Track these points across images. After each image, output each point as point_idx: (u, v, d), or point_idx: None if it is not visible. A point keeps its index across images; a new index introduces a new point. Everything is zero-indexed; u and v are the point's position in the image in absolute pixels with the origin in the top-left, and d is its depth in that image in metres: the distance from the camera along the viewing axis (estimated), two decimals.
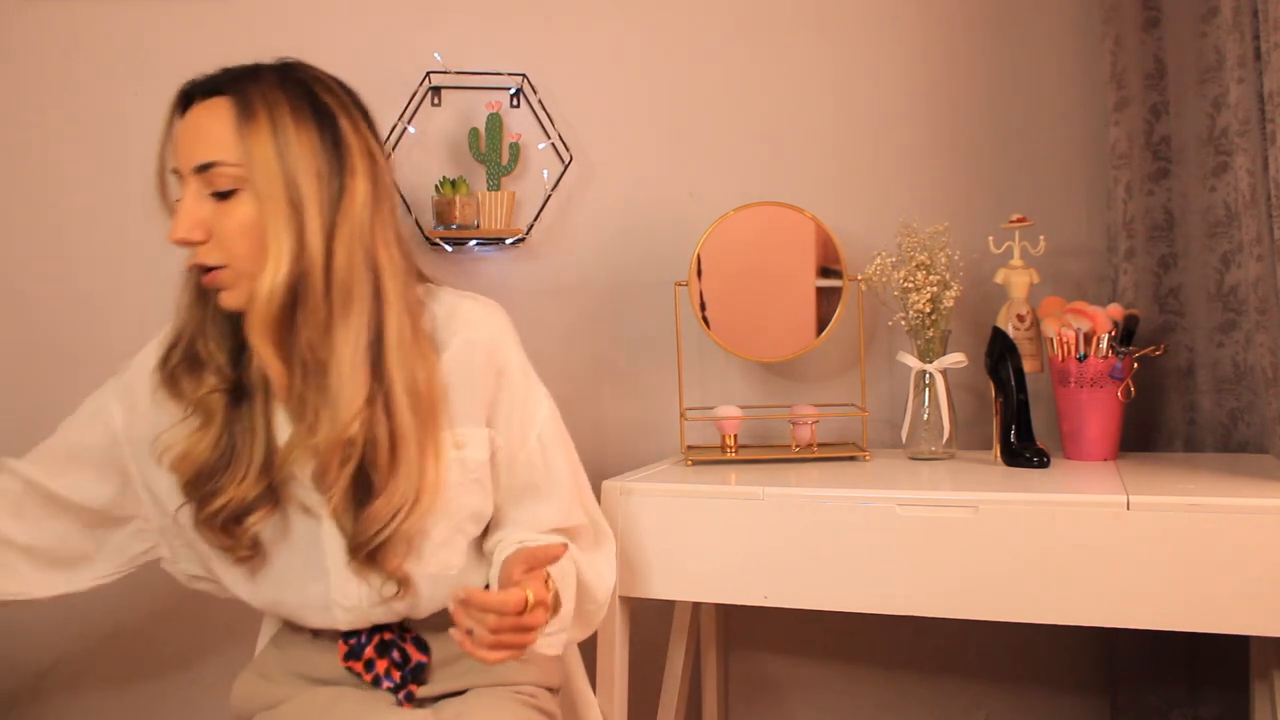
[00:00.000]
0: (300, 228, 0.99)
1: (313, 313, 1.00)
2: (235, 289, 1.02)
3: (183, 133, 1.03)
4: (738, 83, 1.79)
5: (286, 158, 1.00)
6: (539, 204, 1.78)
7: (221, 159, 1.00)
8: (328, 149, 1.02)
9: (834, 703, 1.83)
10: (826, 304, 1.64)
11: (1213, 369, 1.56)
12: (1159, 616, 1.18)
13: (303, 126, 1.01)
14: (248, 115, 1.00)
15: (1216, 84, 1.51)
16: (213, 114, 1.01)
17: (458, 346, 1.10)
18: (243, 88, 1.01)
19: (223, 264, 1.01)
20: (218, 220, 1.00)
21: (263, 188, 0.99)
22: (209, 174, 1.00)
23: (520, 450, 1.13)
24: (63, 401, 1.79)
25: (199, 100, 1.03)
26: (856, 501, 1.30)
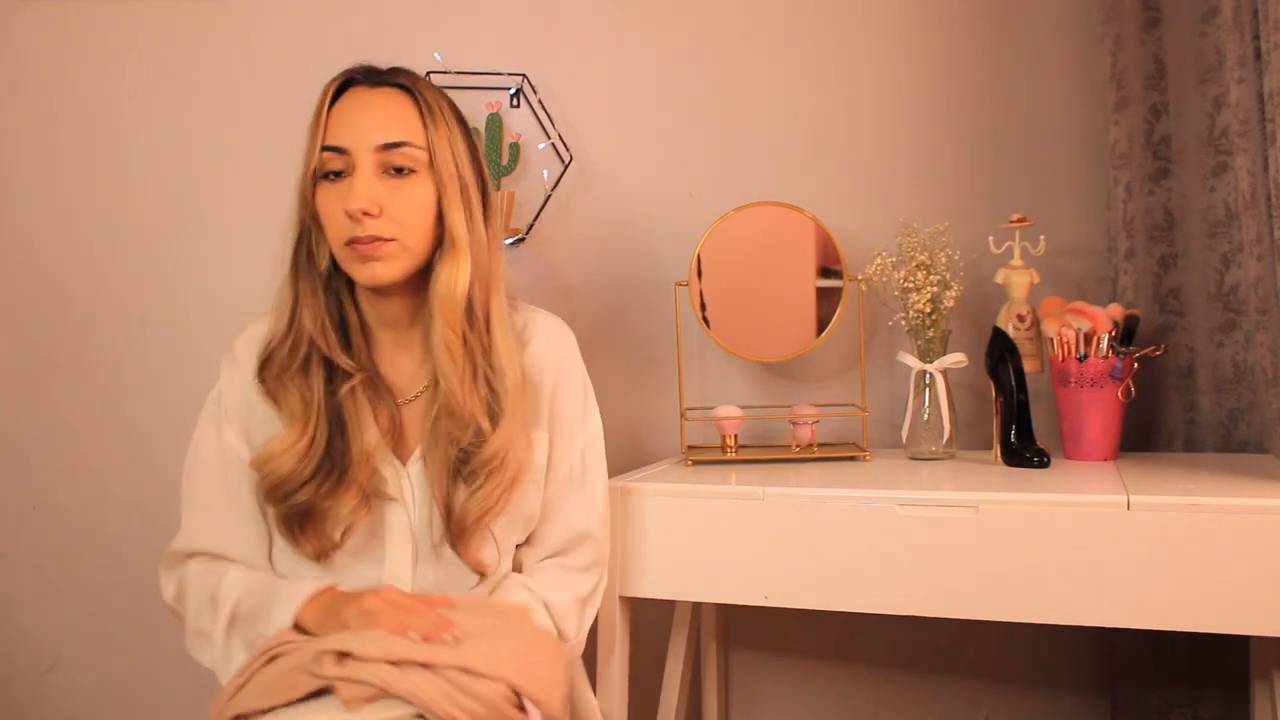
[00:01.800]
0: (472, 218, 1.11)
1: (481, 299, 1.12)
2: (395, 261, 1.09)
3: (359, 111, 1.09)
4: (738, 83, 1.79)
5: (458, 151, 1.11)
6: (539, 204, 1.78)
7: (410, 140, 1.09)
8: (473, 150, 1.15)
9: (834, 703, 1.83)
10: (826, 304, 1.64)
11: (1213, 369, 1.56)
12: (1159, 616, 1.18)
13: (460, 127, 1.14)
14: (429, 109, 1.10)
15: (1216, 84, 1.51)
16: (394, 100, 1.10)
17: (533, 351, 1.20)
18: (414, 82, 1.12)
19: (394, 236, 1.08)
20: (393, 196, 1.08)
21: (445, 173, 1.09)
22: (394, 152, 1.08)
23: (566, 457, 1.22)
24: (62, 402, 1.80)
25: (364, 87, 1.11)
26: (856, 501, 1.30)
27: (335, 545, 1.11)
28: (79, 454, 1.81)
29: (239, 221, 1.80)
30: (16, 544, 1.82)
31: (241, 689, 1.04)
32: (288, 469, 1.08)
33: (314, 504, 1.08)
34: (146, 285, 1.80)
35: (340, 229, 1.08)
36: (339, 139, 1.08)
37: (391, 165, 1.08)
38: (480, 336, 1.11)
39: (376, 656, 1.03)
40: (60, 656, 1.82)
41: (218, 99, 1.79)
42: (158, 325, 1.80)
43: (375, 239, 1.07)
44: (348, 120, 1.09)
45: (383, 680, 1.00)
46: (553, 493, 1.22)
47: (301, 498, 1.08)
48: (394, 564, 1.13)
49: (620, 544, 1.38)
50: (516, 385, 1.12)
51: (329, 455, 1.09)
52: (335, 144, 1.08)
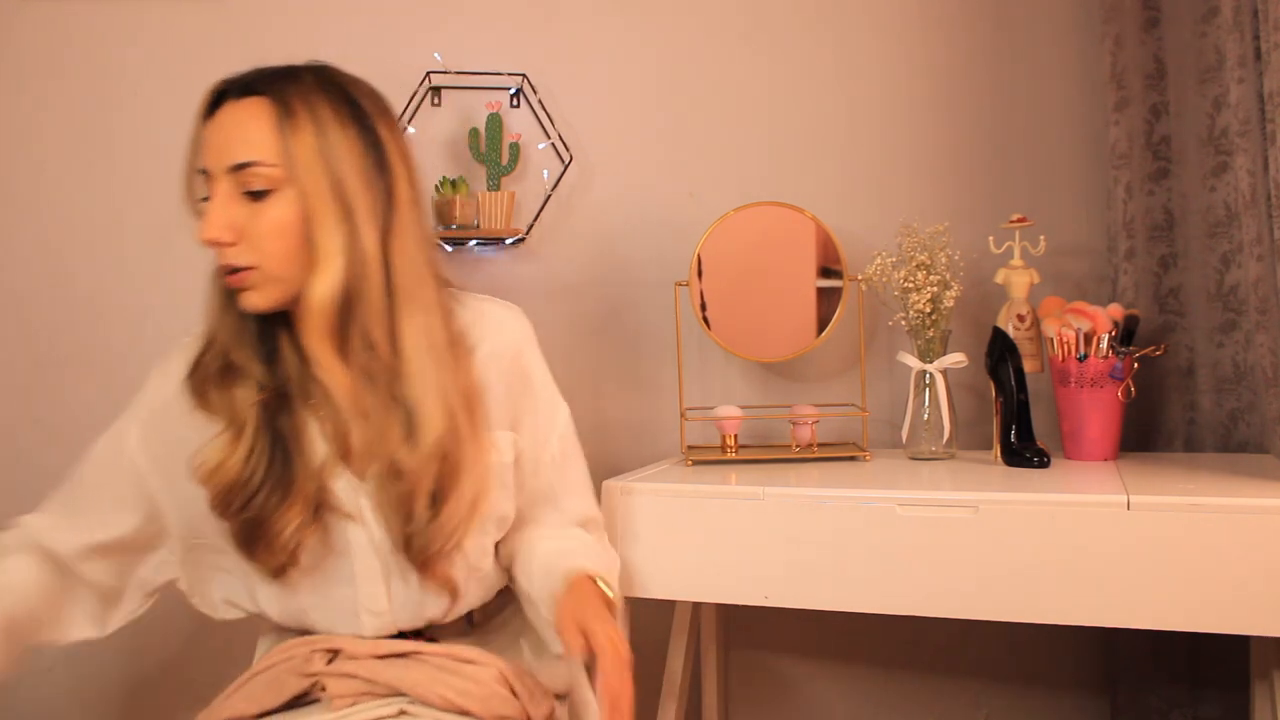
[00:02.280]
0: (353, 228, 0.99)
1: (375, 317, 1.00)
2: (261, 290, 1.01)
3: (215, 131, 1.00)
4: (738, 83, 1.79)
5: (332, 158, 0.99)
6: (539, 204, 1.78)
7: (259, 158, 0.98)
8: (370, 150, 1.02)
9: (834, 703, 1.83)
10: (827, 304, 1.64)
11: (1213, 369, 1.56)
12: (1159, 616, 1.18)
13: (345, 127, 1.01)
14: (289, 114, 0.99)
15: (1216, 84, 1.51)
16: (249, 112, 0.99)
17: (486, 351, 1.11)
18: (281, 88, 1.00)
19: (253, 265, 0.99)
20: (250, 221, 0.99)
21: (308, 187, 0.98)
22: (244, 173, 0.98)
23: (544, 453, 1.17)
24: (60, 403, 1.80)
25: (231, 100, 1.01)
26: (856, 501, 1.30)
27: (290, 563, 1.05)
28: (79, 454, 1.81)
29: None
30: None
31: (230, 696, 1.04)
32: (233, 476, 1.02)
33: (262, 518, 1.02)
34: (147, 285, 1.80)
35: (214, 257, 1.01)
36: (203, 159, 1.01)
37: (246, 188, 0.98)
38: (385, 363, 1.01)
39: (365, 654, 1.03)
40: (60, 656, 1.82)
41: None
42: (158, 325, 1.80)
43: (235, 269, 0.99)
44: (211, 139, 1.00)
45: (370, 672, 1.00)
46: (543, 483, 1.18)
47: (250, 512, 1.02)
48: (365, 583, 1.08)
49: (620, 544, 1.38)
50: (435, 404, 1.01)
51: (272, 466, 1.03)
52: (200, 166, 1.01)
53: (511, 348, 1.14)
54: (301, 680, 1.02)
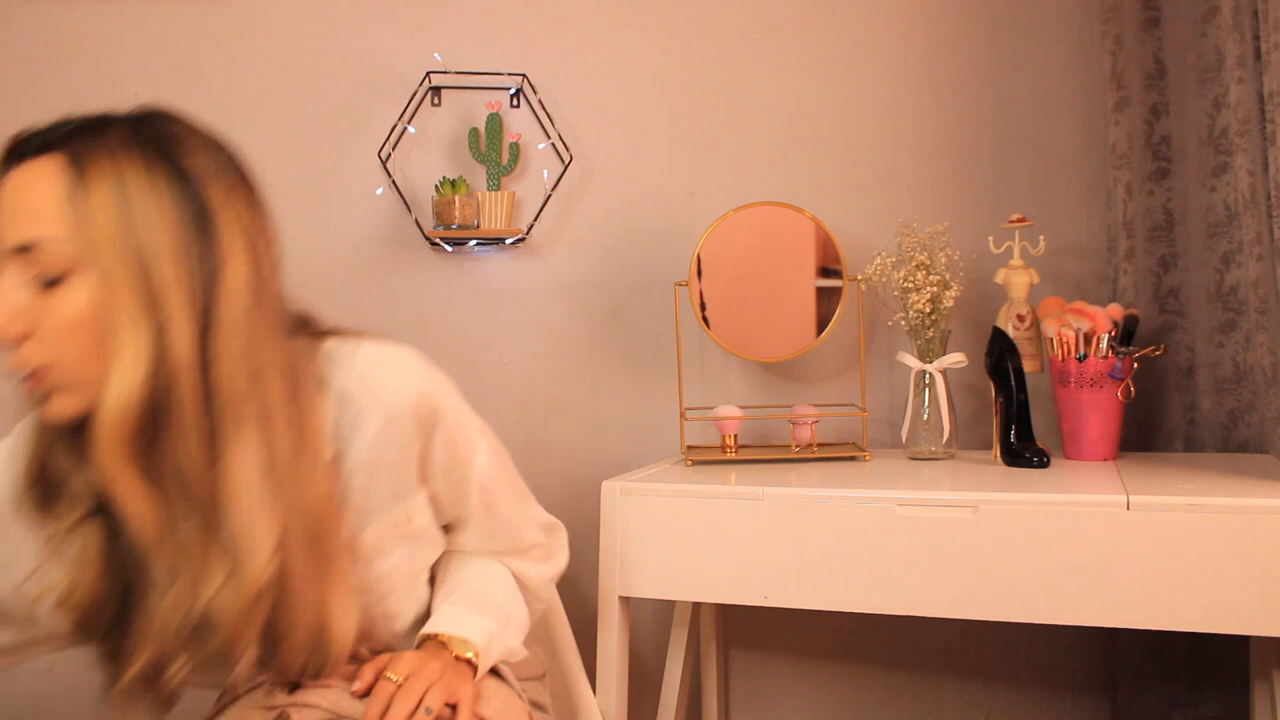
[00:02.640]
0: (160, 320, 0.79)
1: (189, 433, 0.81)
2: (65, 393, 0.82)
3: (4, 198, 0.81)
4: (738, 82, 1.79)
5: (137, 230, 0.79)
6: (539, 204, 1.78)
7: (47, 235, 0.78)
8: (193, 221, 0.81)
9: (834, 703, 1.83)
10: (826, 304, 1.64)
11: (1213, 369, 1.56)
12: (1159, 616, 1.18)
13: (158, 192, 0.80)
14: (84, 177, 0.79)
15: (1216, 84, 1.51)
16: (38, 177, 0.80)
17: (380, 423, 0.92)
18: (80, 142, 0.80)
19: (49, 364, 0.81)
20: (42, 311, 0.80)
21: (105, 267, 0.78)
22: (30, 255, 0.79)
23: (463, 504, 1.04)
24: None
25: (25, 160, 0.81)
26: (856, 501, 1.30)
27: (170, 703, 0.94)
28: None
29: None
30: None
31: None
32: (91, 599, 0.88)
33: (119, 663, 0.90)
34: None
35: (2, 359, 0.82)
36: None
37: (38, 273, 0.79)
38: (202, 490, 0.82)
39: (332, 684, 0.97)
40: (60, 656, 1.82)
41: (217, 99, 1.79)
42: None
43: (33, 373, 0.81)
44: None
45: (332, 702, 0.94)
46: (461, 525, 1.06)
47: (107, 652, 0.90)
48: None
49: (620, 544, 1.38)
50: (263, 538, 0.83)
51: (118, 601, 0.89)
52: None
53: (407, 405, 0.93)
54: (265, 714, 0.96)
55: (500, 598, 1.06)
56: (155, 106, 0.87)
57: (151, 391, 0.79)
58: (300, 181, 1.75)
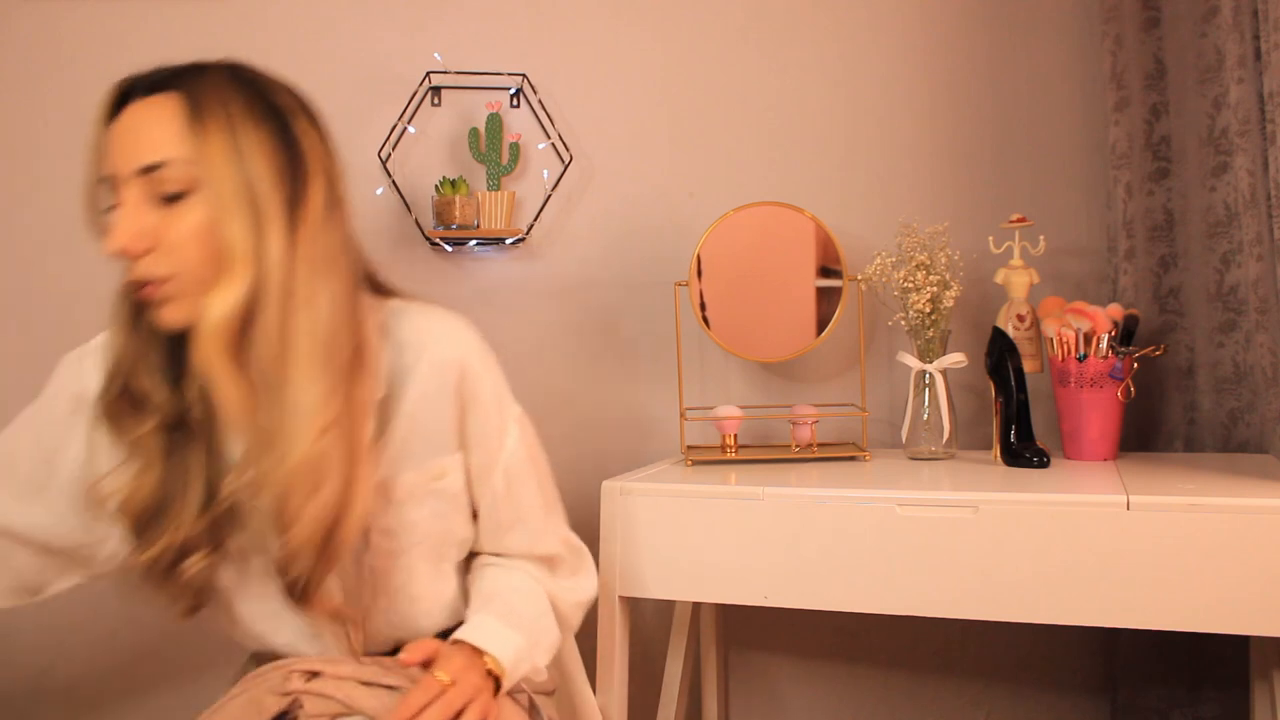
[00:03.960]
0: (260, 234, 0.90)
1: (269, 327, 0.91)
2: (179, 302, 0.92)
3: (121, 133, 0.92)
4: (738, 82, 1.79)
5: (243, 157, 0.91)
6: (539, 204, 1.78)
7: (171, 157, 0.90)
8: (283, 149, 0.94)
9: (834, 703, 1.83)
10: (826, 304, 1.64)
11: (1213, 369, 1.56)
12: (1159, 616, 1.18)
13: (258, 124, 0.93)
14: (199, 111, 0.91)
15: (1216, 84, 1.51)
16: (157, 110, 0.92)
17: (426, 369, 1.02)
18: (191, 83, 0.92)
19: (170, 275, 0.91)
20: (165, 227, 0.91)
21: (219, 188, 0.90)
22: (155, 175, 0.90)
23: (487, 481, 1.08)
24: None
25: (138, 99, 0.93)
26: (856, 501, 1.30)
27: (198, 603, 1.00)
28: None
29: None
30: None
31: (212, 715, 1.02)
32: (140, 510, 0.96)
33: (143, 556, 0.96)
34: None
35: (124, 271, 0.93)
36: (107, 165, 0.92)
37: (157, 192, 0.91)
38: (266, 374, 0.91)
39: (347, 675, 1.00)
40: (60, 656, 1.82)
41: None
42: None
43: (149, 282, 0.92)
44: (115, 143, 0.93)
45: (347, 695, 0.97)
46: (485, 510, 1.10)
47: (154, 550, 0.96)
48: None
49: (620, 544, 1.38)
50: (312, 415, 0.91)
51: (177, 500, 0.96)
52: (104, 173, 0.93)
53: (455, 363, 1.04)
54: (280, 699, 0.98)
55: (532, 615, 1.08)
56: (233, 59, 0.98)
57: (251, 292, 0.90)
58: None
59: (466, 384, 1.04)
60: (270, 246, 0.91)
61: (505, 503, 1.09)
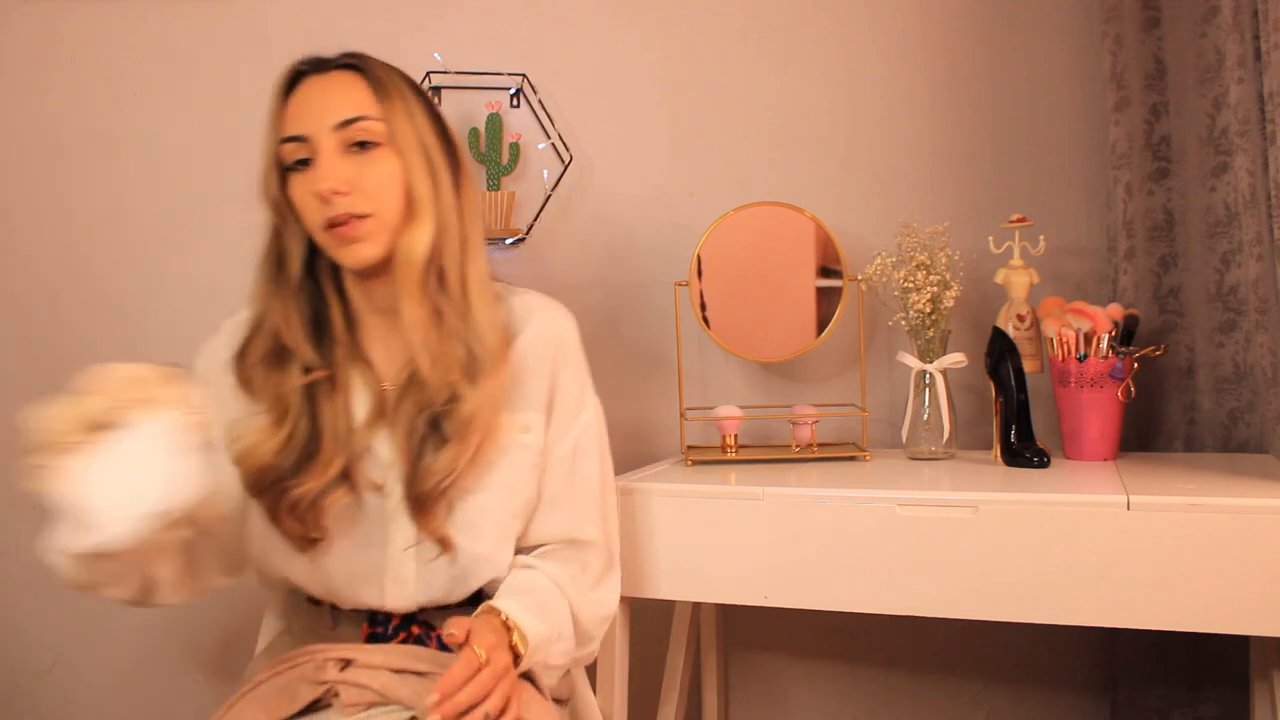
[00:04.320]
0: (437, 186, 1.09)
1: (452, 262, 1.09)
2: (373, 240, 1.07)
3: (311, 97, 1.08)
4: (738, 82, 1.79)
5: (418, 126, 1.10)
6: (539, 204, 1.78)
7: (366, 113, 1.07)
8: (437, 121, 1.13)
9: (834, 703, 1.83)
10: (826, 304, 1.64)
11: (1213, 369, 1.56)
12: (1159, 616, 1.18)
13: (419, 99, 1.12)
14: (380, 84, 1.09)
15: (1216, 84, 1.51)
16: (344, 80, 1.09)
17: (532, 333, 1.17)
18: (364, 62, 1.11)
19: (369, 212, 1.06)
20: (360, 172, 1.06)
21: (404, 143, 1.08)
22: (352, 128, 1.06)
23: (555, 449, 1.17)
24: None
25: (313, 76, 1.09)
26: (856, 501, 1.30)
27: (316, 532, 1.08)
28: None
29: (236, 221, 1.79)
30: (16, 543, 1.82)
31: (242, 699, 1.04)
32: (266, 460, 1.07)
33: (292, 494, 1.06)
34: (144, 285, 1.80)
35: (316, 214, 1.07)
36: (297, 128, 1.07)
37: (353, 141, 1.07)
38: (455, 301, 1.09)
39: (379, 664, 1.03)
40: (60, 656, 1.82)
41: (217, 99, 1.79)
42: (154, 324, 1.80)
43: (350, 217, 1.06)
44: (302, 108, 1.08)
45: (382, 685, 1.00)
46: (546, 480, 1.18)
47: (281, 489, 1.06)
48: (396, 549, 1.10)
49: (621, 544, 1.38)
50: (497, 348, 1.11)
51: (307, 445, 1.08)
52: (294, 133, 1.07)
53: (556, 336, 1.20)
54: (315, 688, 1.03)
55: (557, 615, 1.13)
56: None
57: (436, 232, 1.08)
58: None
59: (562, 355, 1.19)
60: (445, 198, 1.10)
61: (567, 474, 1.18)
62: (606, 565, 1.22)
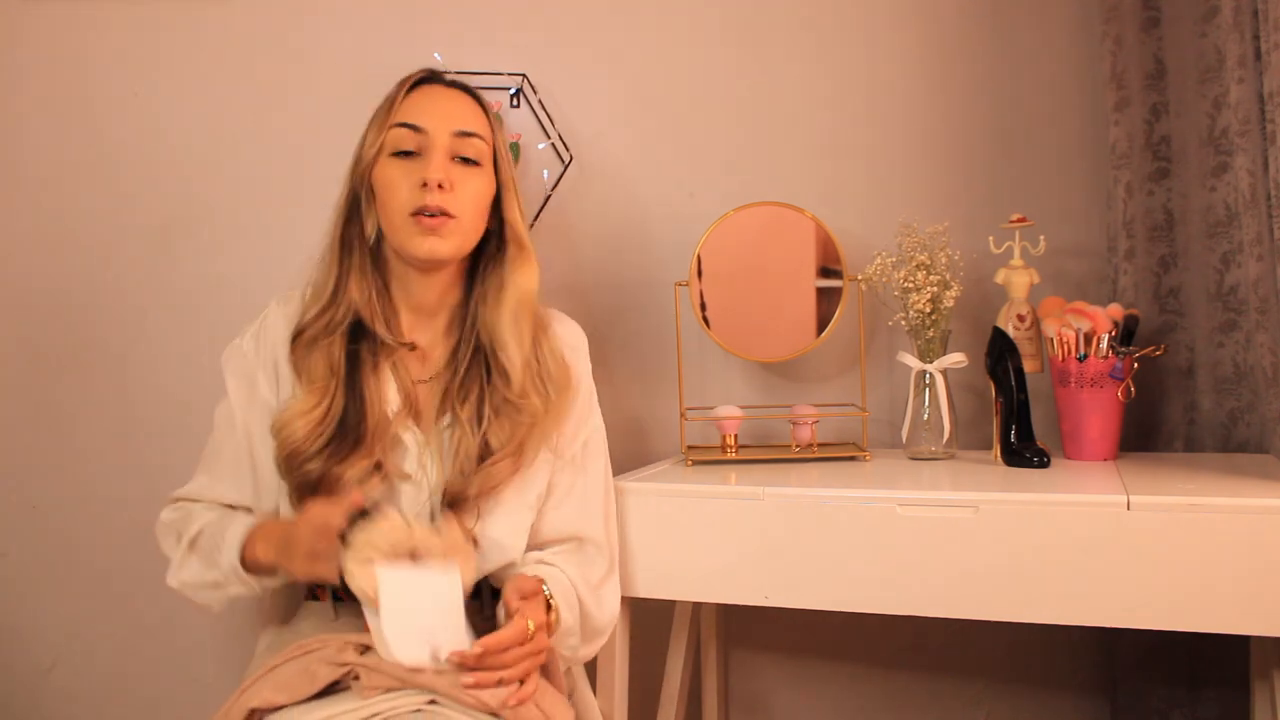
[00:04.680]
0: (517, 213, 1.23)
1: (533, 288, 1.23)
2: (450, 240, 1.16)
3: (438, 99, 1.20)
4: (738, 83, 1.79)
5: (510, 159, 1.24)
6: (539, 204, 1.78)
7: (480, 132, 1.20)
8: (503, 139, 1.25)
9: (834, 703, 1.83)
10: (826, 304, 1.64)
11: (1213, 369, 1.56)
12: (1159, 616, 1.18)
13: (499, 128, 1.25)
14: (490, 114, 1.23)
15: (1216, 84, 1.51)
16: (463, 98, 1.22)
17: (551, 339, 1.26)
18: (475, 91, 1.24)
19: (457, 214, 1.16)
20: (463, 180, 1.17)
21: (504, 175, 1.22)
22: (468, 140, 1.18)
23: (568, 447, 1.25)
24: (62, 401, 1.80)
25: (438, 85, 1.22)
26: (856, 501, 1.30)
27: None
28: (78, 454, 1.81)
29: (239, 221, 1.80)
30: (16, 544, 1.82)
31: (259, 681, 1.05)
32: (301, 435, 1.11)
33: (325, 472, 1.10)
34: (147, 285, 1.80)
35: (408, 200, 1.14)
36: (418, 118, 1.17)
37: (461, 154, 1.17)
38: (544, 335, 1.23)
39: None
40: (60, 656, 1.82)
41: (219, 98, 1.79)
42: (158, 325, 1.80)
43: (443, 212, 1.14)
44: (426, 105, 1.18)
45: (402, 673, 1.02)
46: (557, 476, 1.24)
47: (313, 466, 1.10)
48: None
49: (621, 544, 1.38)
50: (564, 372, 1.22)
51: (343, 424, 1.12)
52: (413, 122, 1.17)
53: (571, 346, 1.29)
54: (334, 669, 1.05)
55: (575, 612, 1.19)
56: None
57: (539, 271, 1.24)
58: (301, 181, 1.75)
59: (575, 365, 1.28)
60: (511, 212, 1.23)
61: (578, 470, 1.26)
62: (609, 567, 1.28)
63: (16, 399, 1.81)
